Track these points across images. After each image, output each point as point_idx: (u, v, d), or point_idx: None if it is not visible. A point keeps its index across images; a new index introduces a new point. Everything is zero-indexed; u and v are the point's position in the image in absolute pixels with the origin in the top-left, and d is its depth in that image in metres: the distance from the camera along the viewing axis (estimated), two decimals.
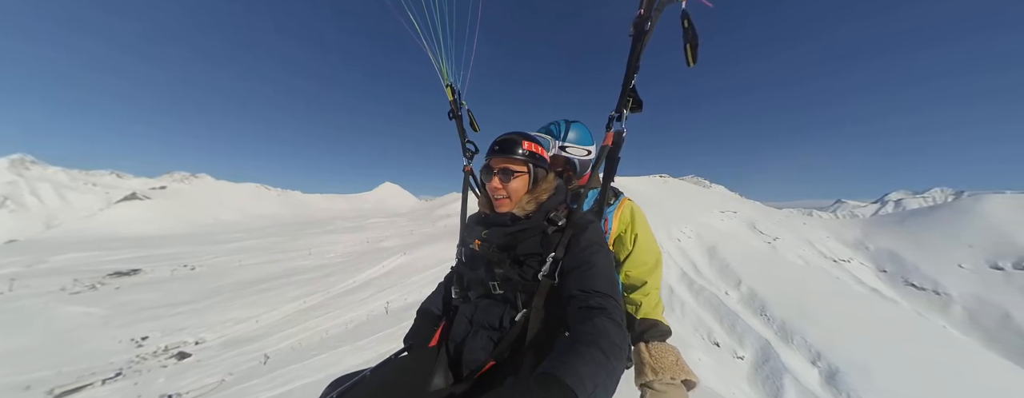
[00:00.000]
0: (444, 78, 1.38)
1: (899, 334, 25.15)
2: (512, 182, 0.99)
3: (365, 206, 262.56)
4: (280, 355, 23.89)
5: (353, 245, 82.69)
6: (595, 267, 0.85)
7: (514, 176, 0.99)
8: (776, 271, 38.78)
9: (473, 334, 0.95)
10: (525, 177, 1.01)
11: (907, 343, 23.53)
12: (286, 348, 26.31)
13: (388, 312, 32.31)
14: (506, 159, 1.00)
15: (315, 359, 18.38)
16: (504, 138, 1.02)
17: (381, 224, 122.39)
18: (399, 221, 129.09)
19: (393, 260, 58.94)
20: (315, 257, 69.52)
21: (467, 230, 1.16)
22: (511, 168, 0.99)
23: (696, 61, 0.85)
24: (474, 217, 1.19)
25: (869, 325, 26.09)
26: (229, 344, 30.16)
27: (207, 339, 32.40)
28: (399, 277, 50.68)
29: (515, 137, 1.02)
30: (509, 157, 0.99)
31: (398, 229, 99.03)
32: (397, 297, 39.28)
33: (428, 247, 65.94)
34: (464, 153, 1.38)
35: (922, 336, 25.70)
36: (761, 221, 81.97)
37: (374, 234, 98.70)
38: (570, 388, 0.54)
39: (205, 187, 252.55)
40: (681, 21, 0.86)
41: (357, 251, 77.08)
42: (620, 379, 0.62)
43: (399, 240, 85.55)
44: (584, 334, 0.68)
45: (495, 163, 1.01)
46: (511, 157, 0.99)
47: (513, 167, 0.99)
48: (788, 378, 20.15)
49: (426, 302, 1.23)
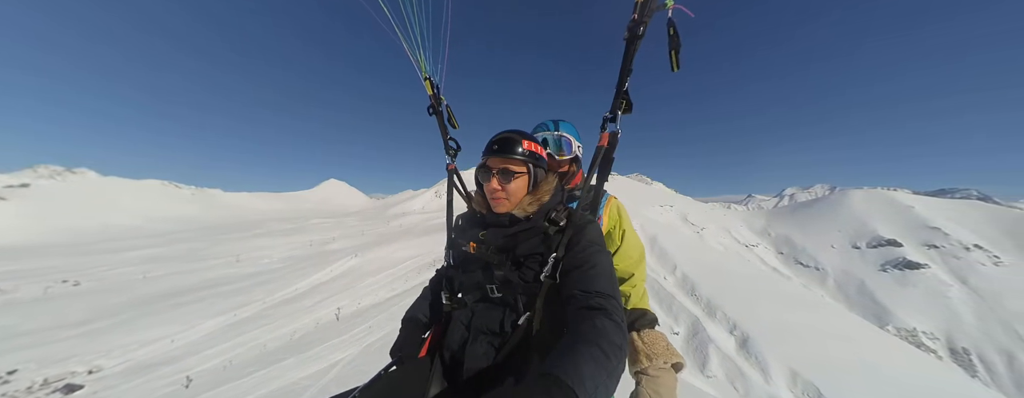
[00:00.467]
0: (421, 71, 1.27)
1: (791, 305, 30.46)
2: (512, 183, 0.96)
3: (305, 206, 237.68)
4: (207, 376, 21.07)
5: (293, 249, 75.11)
6: (596, 267, 0.84)
7: (514, 177, 0.97)
8: (703, 256, 44.21)
9: (472, 340, 0.92)
10: (525, 178, 0.98)
11: (797, 312, 28.72)
12: (215, 367, 23.25)
13: (339, 318, 30.42)
14: (505, 159, 0.96)
15: (253, 376, 16.64)
16: (503, 137, 0.99)
17: (326, 225, 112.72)
18: (348, 221, 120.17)
19: (343, 263, 55.19)
20: (246, 264, 61.79)
21: (459, 231, 1.12)
22: (511, 168, 0.96)
23: (679, 67, 0.89)
24: (466, 218, 1.15)
25: (771, 298, 31.29)
26: (136, 370, 25.69)
27: (105, 366, 27.20)
28: (351, 281, 47.58)
29: (514, 136, 0.99)
30: (509, 157, 0.96)
31: (347, 230, 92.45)
32: (349, 302, 37.01)
33: (383, 248, 62.78)
34: (447, 151, 1.31)
35: (806, 305, 31.49)
36: (691, 214, 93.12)
37: (318, 236, 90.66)
38: (571, 388, 0.53)
39: (86, 185, 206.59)
40: (667, 28, 0.89)
41: (299, 255, 70.26)
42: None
43: (348, 241, 79.91)
44: (585, 334, 0.67)
45: (494, 163, 0.98)
46: (511, 157, 0.96)
47: (513, 167, 0.97)
48: (712, 347, 23.53)
49: (412, 310, 1.16)
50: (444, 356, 0.95)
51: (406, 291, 37.04)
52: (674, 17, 0.87)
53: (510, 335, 0.88)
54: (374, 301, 36.44)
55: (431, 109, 1.30)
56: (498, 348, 0.88)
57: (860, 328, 30.06)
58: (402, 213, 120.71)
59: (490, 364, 0.86)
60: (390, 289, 41.77)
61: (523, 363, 0.83)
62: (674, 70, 0.90)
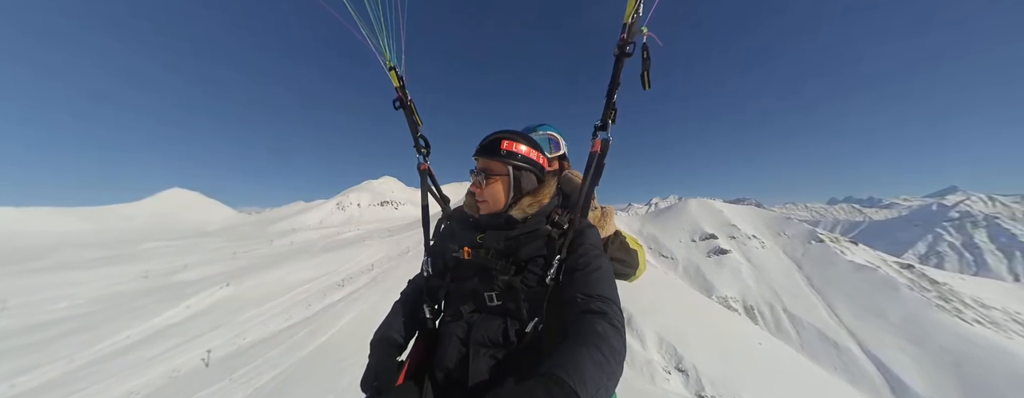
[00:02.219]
0: (385, 60, 1.17)
1: (658, 287, 40.28)
2: (490, 184, 0.95)
3: (129, 224, 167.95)
4: None
5: (114, 284, 53.69)
6: (598, 271, 0.83)
7: (491, 178, 0.95)
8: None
9: (474, 356, 0.83)
10: (504, 179, 0.95)
11: (661, 291, 38.37)
12: None
13: (209, 364, 23.63)
14: (485, 160, 0.96)
15: None
16: (488, 136, 0.97)
17: (170, 249, 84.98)
18: (207, 243, 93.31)
19: (207, 295, 43.56)
20: (20, 314, 41.47)
21: (447, 237, 1.07)
22: (490, 169, 0.95)
23: (649, 86, 0.97)
24: (457, 221, 1.09)
25: (647, 285, 40.84)
26: None
27: None
28: (224, 316, 38.42)
29: (498, 136, 0.96)
30: (488, 158, 0.95)
31: (207, 254, 71.81)
32: (223, 342, 29.92)
33: (268, 272, 51.82)
34: (418, 149, 1.19)
35: (668, 287, 42.26)
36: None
37: (158, 264, 67.71)
38: (573, 389, 0.53)
39: None
40: (641, 52, 0.96)
41: (126, 291, 50.89)
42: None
43: (210, 268, 62.19)
44: (586, 337, 0.66)
45: (477, 163, 0.98)
46: (490, 158, 0.95)
47: (492, 168, 0.95)
48: None
49: (383, 330, 0.98)
50: (436, 378, 0.86)
51: (306, 319, 32.86)
52: (648, 43, 0.96)
53: (516, 345, 0.83)
54: (262, 335, 31.09)
55: (398, 102, 1.19)
56: (503, 360, 0.83)
57: (697, 299, 42.41)
58: (292, 229, 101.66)
59: (497, 380, 0.79)
60: (285, 318, 35.95)
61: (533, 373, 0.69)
62: (645, 88, 0.99)
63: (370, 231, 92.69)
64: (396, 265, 50.33)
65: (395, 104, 1.20)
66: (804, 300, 74.62)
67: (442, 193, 1.24)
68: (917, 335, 58.61)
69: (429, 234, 1.13)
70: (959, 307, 65.68)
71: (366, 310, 33.43)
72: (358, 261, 58.43)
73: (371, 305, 34.71)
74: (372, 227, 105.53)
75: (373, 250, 64.93)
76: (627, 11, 0.93)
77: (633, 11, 0.93)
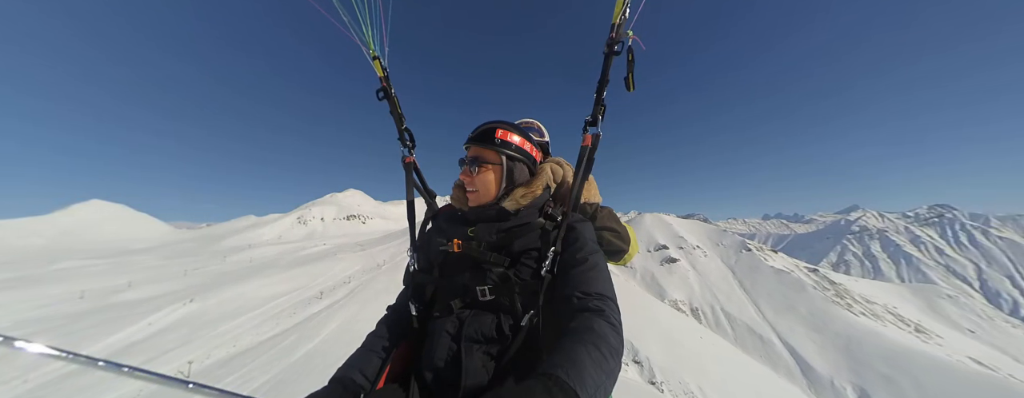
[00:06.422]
0: (369, 49, 1.13)
1: (620, 294, 48.75)
2: (481, 174, 0.93)
3: (33, 241, 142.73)
4: None
5: (39, 306, 47.83)
6: (595, 267, 0.82)
7: (483, 167, 0.93)
8: None
9: (466, 353, 0.78)
10: (497, 169, 0.94)
11: (622, 299, 46.16)
12: None
13: (190, 375, 25.05)
14: (478, 148, 0.95)
15: None
16: (482, 125, 0.97)
17: (98, 268, 75.61)
18: (139, 260, 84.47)
19: (171, 310, 41.84)
20: None
21: (436, 231, 1.03)
22: (482, 158, 0.94)
23: (634, 88, 0.98)
24: (445, 215, 1.07)
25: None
26: None
27: None
28: (194, 330, 37.80)
29: (493, 125, 0.96)
30: (482, 145, 0.94)
31: (146, 272, 64.35)
32: (199, 355, 30.55)
33: (236, 287, 49.75)
34: (403, 142, 1.16)
35: (629, 294, 49.56)
36: None
37: (90, 284, 61.71)
38: (573, 388, 0.51)
39: None
40: (626, 54, 0.96)
41: (57, 314, 45.52)
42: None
43: (159, 286, 57.05)
44: (584, 335, 0.64)
45: (468, 152, 0.97)
46: (483, 146, 0.94)
47: (484, 156, 0.94)
48: None
49: (344, 369, 0.86)
50: (424, 378, 0.80)
51: (290, 329, 33.90)
52: (633, 46, 0.97)
53: (511, 340, 0.79)
54: (247, 345, 32.05)
55: (382, 93, 1.15)
56: (497, 357, 0.79)
57: (652, 303, 50.37)
58: (246, 244, 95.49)
59: (492, 376, 0.76)
60: (273, 325, 36.06)
61: (531, 369, 0.68)
62: (630, 90, 1.00)
63: (339, 245, 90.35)
64: (373, 277, 51.98)
65: (378, 95, 1.15)
66: (737, 300, 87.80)
67: (428, 187, 1.20)
68: (819, 324, 72.34)
69: (414, 230, 1.09)
70: (850, 302, 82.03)
71: (348, 319, 35.65)
72: (333, 274, 58.58)
73: (352, 314, 37.04)
74: (340, 241, 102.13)
75: (347, 263, 64.80)
76: (615, 12, 0.95)
77: (621, 12, 0.95)
